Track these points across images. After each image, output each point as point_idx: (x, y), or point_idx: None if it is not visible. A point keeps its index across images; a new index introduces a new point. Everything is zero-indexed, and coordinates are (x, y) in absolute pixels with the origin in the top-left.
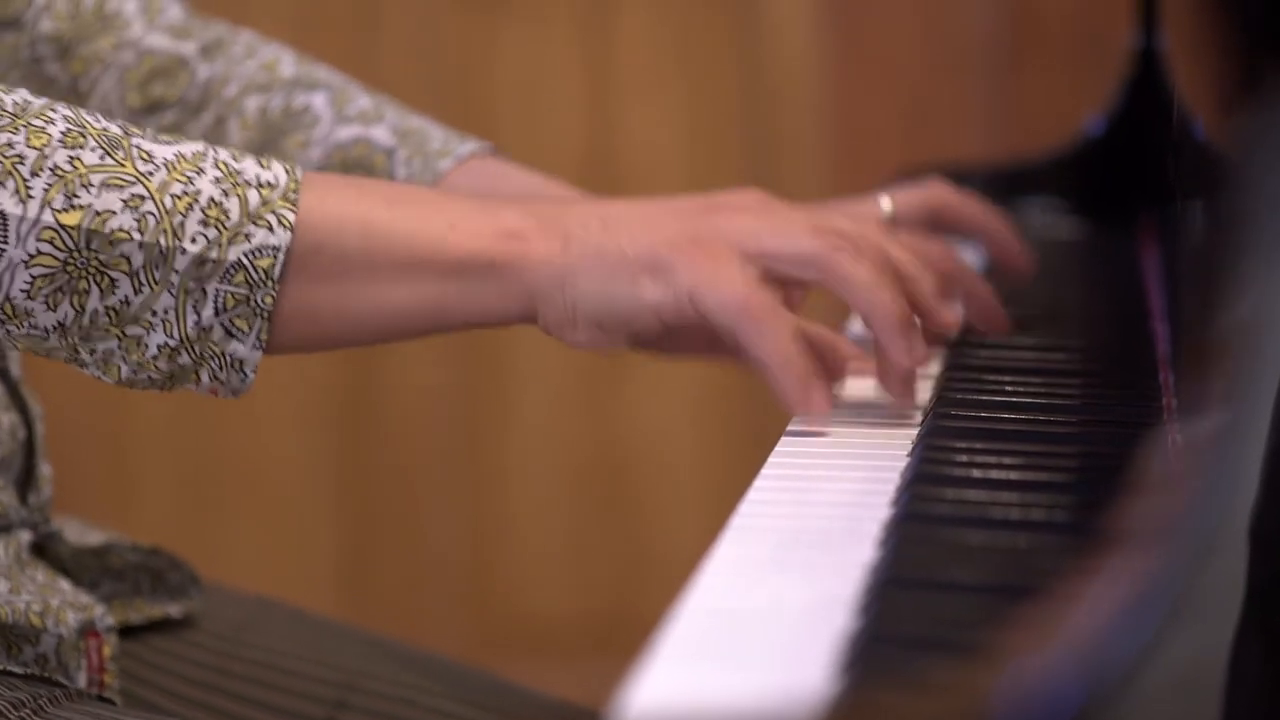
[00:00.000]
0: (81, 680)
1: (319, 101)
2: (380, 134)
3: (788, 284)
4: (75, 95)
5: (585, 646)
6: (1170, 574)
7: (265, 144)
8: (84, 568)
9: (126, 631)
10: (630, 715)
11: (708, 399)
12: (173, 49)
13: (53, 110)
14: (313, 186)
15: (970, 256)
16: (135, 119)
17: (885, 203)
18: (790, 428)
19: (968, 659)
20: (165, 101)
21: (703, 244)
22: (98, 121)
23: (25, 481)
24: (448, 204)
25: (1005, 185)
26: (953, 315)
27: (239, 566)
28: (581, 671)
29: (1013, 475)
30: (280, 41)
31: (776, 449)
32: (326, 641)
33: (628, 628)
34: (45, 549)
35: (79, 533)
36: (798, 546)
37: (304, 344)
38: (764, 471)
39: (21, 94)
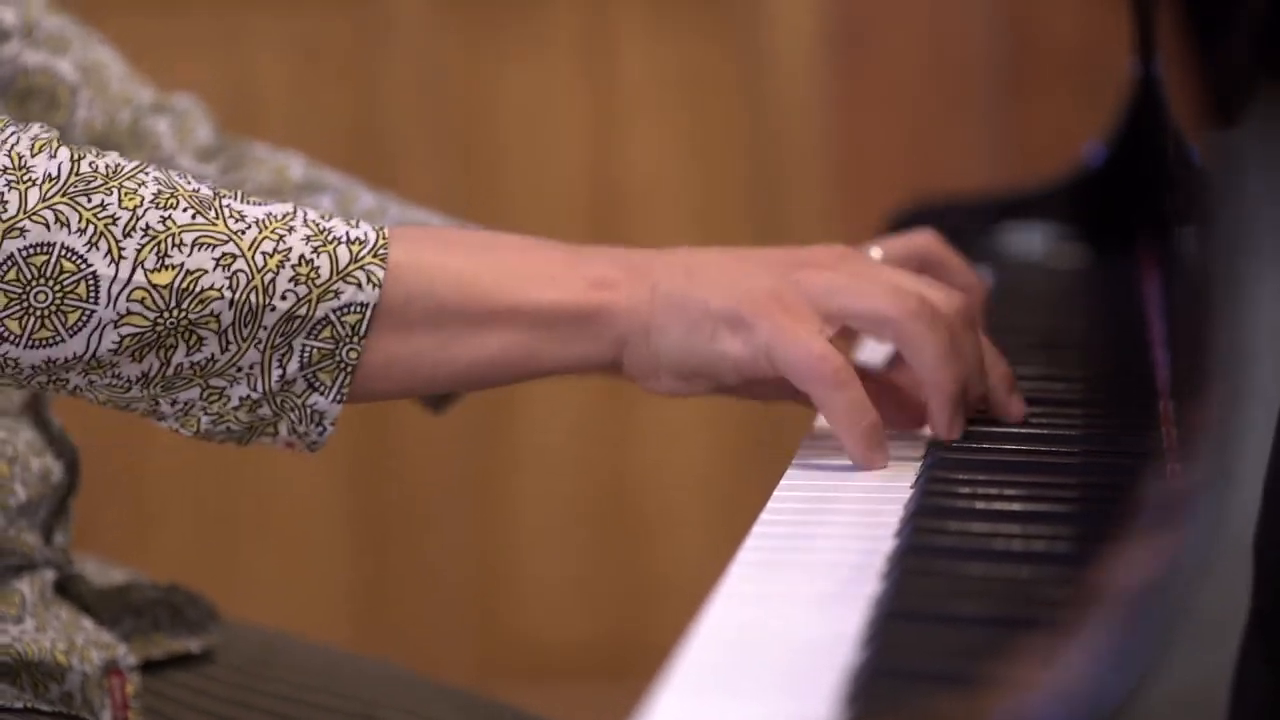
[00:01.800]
0: (106, 718)
1: (325, 204)
2: None
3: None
4: None
5: (594, 673)
6: (1166, 602)
7: None
8: (105, 606)
9: (147, 667)
10: None
11: (715, 427)
12: (197, 172)
13: (144, 173)
14: (403, 240)
15: None
16: None
17: (875, 253)
18: (795, 461)
19: (971, 691)
20: None
21: (783, 301)
22: (189, 183)
23: (52, 523)
24: (537, 252)
25: (1006, 213)
26: (1018, 408)
27: (255, 600)
28: (591, 698)
29: (1015, 506)
30: (283, 76)
31: (782, 482)
32: (343, 673)
33: (636, 655)
34: (68, 588)
35: (99, 572)
36: (803, 580)
37: (396, 392)
38: (770, 505)
39: (113, 157)
